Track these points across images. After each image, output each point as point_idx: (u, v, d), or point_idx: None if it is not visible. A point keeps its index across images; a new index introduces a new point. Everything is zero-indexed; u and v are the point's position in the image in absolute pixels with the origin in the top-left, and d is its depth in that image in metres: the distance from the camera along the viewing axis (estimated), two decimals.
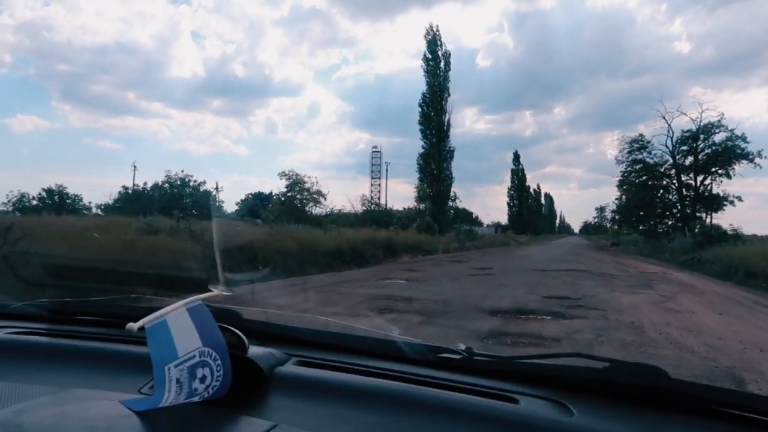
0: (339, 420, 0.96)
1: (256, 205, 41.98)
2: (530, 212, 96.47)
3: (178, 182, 42.41)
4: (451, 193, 50.99)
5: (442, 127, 40.60)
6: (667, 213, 42.08)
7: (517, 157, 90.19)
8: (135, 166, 43.55)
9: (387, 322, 5.17)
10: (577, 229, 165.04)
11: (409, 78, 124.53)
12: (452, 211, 49.56)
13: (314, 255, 16.56)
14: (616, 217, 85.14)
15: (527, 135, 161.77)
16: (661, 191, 40.86)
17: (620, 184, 50.68)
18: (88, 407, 0.91)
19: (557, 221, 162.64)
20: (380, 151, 58.67)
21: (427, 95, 40.61)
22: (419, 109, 40.79)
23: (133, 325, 0.87)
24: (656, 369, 1.04)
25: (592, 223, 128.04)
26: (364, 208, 42.74)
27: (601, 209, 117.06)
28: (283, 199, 36.19)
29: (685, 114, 39.27)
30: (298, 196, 37.02)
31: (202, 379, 0.91)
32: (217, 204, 48.70)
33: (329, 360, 1.20)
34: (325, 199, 39.40)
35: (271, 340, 1.27)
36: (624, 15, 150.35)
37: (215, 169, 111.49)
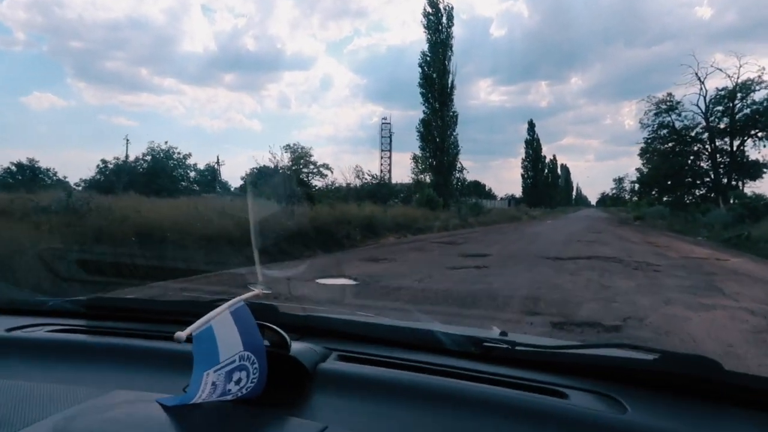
0: (384, 418, 0.94)
1: (259, 180, 38.89)
2: (546, 184, 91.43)
3: (162, 155, 38.64)
4: (458, 165, 47.43)
5: (444, 89, 36.17)
6: (698, 182, 37.44)
7: (531, 127, 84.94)
8: (127, 140, 39.93)
9: (426, 314, 4.21)
10: (593, 201, 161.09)
11: (421, 48, 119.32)
12: (459, 184, 45.53)
13: (267, 238, 12.81)
14: (637, 187, 79.94)
15: (543, 106, 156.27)
16: (692, 158, 36.14)
17: (643, 151, 45.99)
18: (135, 411, 0.89)
19: (573, 193, 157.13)
20: (389, 123, 54.19)
21: (428, 54, 36.14)
22: (419, 70, 36.32)
23: (181, 334, 0.85)
24: (709, 360, 1.00)
25: (610, 194, 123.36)
26: (362, 181, 38.89)
27: (619, 180, 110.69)
28: (288, 173, 33.14)
29: (720, 70, 34.42)
30: (304, 170, 35.12)
31: (237, 382, 0.90)
32: (221, 179, 45.20)
33: (370, 354, 1.18)
34: (331, 172, 36.97)
35: (309, 334, 1.25)
36: None
37: (229, 144, 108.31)
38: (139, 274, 7.53)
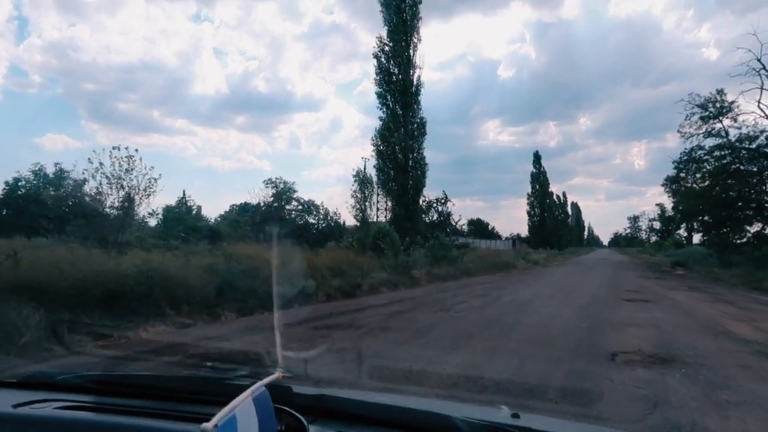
0: None
1: (238, 218, 29.73)
2: (555, 222, 79.93)
3: (38, 181, 27.75)
4: (442, 196, 36.74)
5: (408, 88, 25.85)
6: (757, 214, 26.36)
7: (537, 159, 74.32)
8: None
9: (442, 399, 3.40)
10: (605, 242, 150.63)
11: (430, 90, 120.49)
12: (436, 215, 34.79)
13: None
14: (658, 225, 67.66)
15: (552, 146, 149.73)
16: (755, 179, 25.10)
17: (671, 181, 35.08)
18: None
19: (585, 233, 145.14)
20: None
21: (386, 40, 25.94)
22: (374, 62, 26.09)
23: (208, 425, 0.83)
24: None
25: (624, 234, 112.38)
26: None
27: (634, 219, 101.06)
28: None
29: None
30: (287, 207, 29.70)
31: None
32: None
33: None
34: (318, 210, 29.29)
35: (324, 415, 1.23)
36: (649, 22, 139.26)
37: (239, 185, 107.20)
38: None
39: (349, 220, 27.77)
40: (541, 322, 8.06)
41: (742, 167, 25.41)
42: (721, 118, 24.91)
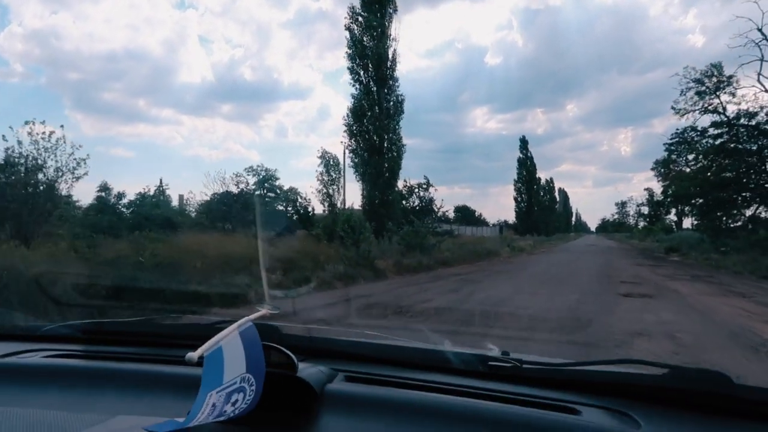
0: None
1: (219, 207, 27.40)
2: (542, 208, 78.00)
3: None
4: (424, 181, 34.81)
5: (383, 61, 23.57)
6: (756, 196, 24.41)
7: (524, 144, 72.15)
8: None
9: (435, 333, 3.45)
10: (593, 228, 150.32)
11: (418, 78, 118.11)
12: (417, 201, 32.79)
13: None
14: (646, 211, 65.99)
15: (540, 133, 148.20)
16: (755, 158, 23.11)
17: (663, 163, 33.24)
18: None
19: (573, 219, 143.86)
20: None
21: (360, 11, 23.60)
22: (346, 33, 23.76)
23: (193, 355, 0.82)
24: (720, 374, 0.97)
25: (611, 220, 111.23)
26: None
27: (622, 204, 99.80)
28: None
29: None
30: (259, 194, 28.94)
31: (234, 403, 0.86)
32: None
33: (377, 374, 1.13)
34: (302, 197, 26.03)
35: (314, 355, 1.20)
36: (636, 9, 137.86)
37: (227, 175, 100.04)
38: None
39: (319, 207, 25.60)
40: (519, 334, 5.94)
41: (740, 146, 23.45)
42: (718, 93, 22.88)
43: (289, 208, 26.82)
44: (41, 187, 13.61)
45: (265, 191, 32.27)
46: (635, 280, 12.74)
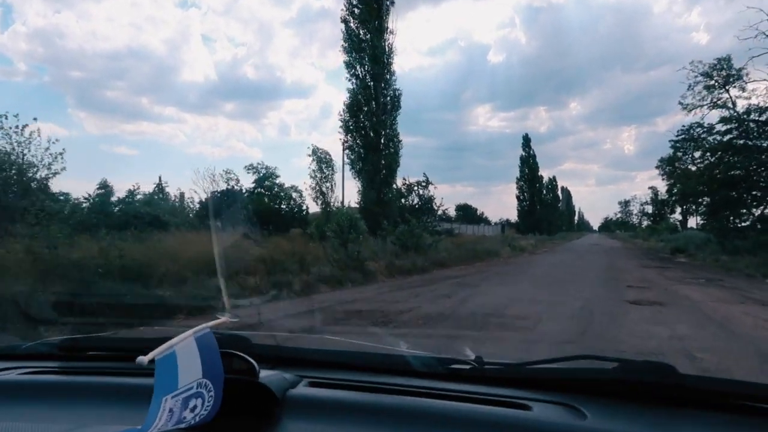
0: None
1: (221, 205, 26.70)
2: (544, 207, 76.83)
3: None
4: (423, 179, 33.98)
5: (380, 55, 22.76)
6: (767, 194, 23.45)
7: (527, 142, 71.03)
8: None
9: (396, 338, 3.08)
10: (596, 226, 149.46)
11: (421, 76, 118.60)
12: (417, 199, 31.96)
13: None
14: (651, 210, 64.89)
15: (542, 131, 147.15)
16: (766, 155, 22.15)
17: (667, 161, 32.39)
18: None
19: (576, 218, 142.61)
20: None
21: (355, 3, 22.82)
22: (342, 26, 22.95)
23: (143, 359, 0.82)
24: (665, 365, 1.01)
25: (614, 219, 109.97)
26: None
27: (625, 203, 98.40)
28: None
29: None
30: (268, 193, 27.17)
31: (193, 409, 0.85)
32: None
33: (340, 379, 1.15)
34: (301, 195, 26.38)
35: (281, 364, 1.19)
36: (639, 6, 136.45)
37: (230, 173, 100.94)
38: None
39: (313, 205, 24.82)
40: (513, 353, 5.10)
41: (749, 142, 22.49)
42: (727, 87, 21.93)
43: (284, 206, 25.93)
44: (12, 182, 12.83)
45: (262, 189, 31.48)
46: (642, 283, 11.87)
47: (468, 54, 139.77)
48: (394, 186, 30.87)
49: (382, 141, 22.83)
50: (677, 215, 49.04)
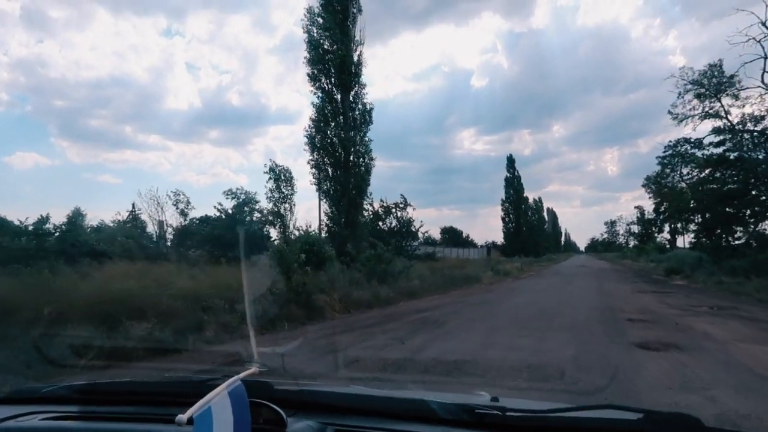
0: None
1: (196, 232, 24.37)
2: (530, 228, 75.05)
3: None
4: (401, 201, 31.95)
5: (348, 66, 20.87)
6: (765, 210, 21.66)
7: (511, 163, 69.67)
8: None
9: (416, 384, 3.42)
10: (582, 247, 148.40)
11: (406, 101, 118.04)
12: (395, 221, 29.91)
13: None
14: (637, 229, 63.36)
15: (526, 154, 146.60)
16: (763, 167, 20.35)
17: (654, 179, 30.84)
18: None
19: (562, 239, 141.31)
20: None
21: (318, 9, 21.00)
22: (305, 37, 21.11)
23: (183, 417, 0.82)
24: (690, 417, 1.00)
25: (600, 240, 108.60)
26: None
27: (611, 223, 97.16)
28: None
29: None
30: (247, 219, 25.97)
31: None
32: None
33: (364, 427, 1.14)
34: (281, 220, 22.71)
35: (303, 409, 1.20)
36: (617, 31, 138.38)
37: (217, 199, 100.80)
38: None
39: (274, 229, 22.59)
40: None
41: (745, 155, 20.77)
42: (719, 96, 20.24)
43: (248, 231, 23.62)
44: None
45: (221, 213, 29.26)
46: (645, 315, 9.74)
47: (451, 79, 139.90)
48: (370, 207, 28.68)
49: (351, 158, 20.80)
50: (665, 234, 47.50)
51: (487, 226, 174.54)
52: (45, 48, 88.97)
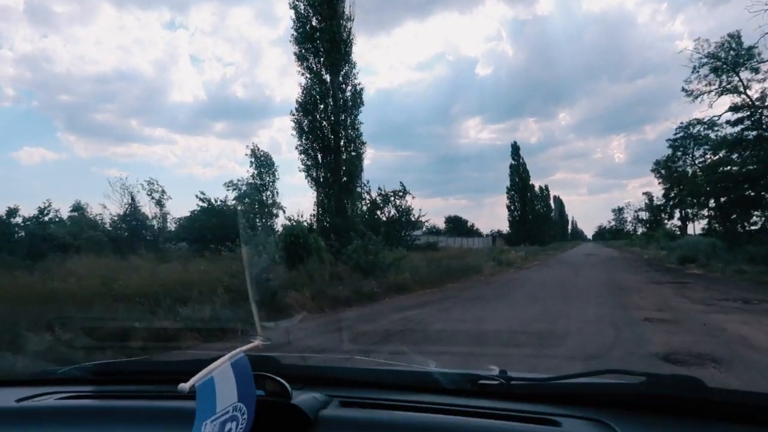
0: None
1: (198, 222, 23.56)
2: (536, 217, 73.35)
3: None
4: (400, 190, 30.70)
5: (337, 44, 19.42)
6: None
7: (516, 150, 67.99)
8: None
9: (424, 357, 2.24)
10: (590, 235, 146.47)
11: (410, 90, 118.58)
12: (397, 212, 28.64)
13: None
14: (646, 216, 61.45)
15: (533, 142, 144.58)
16: None
17: (675, 153, 29.08)
18: None
19: (569, 227, 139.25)
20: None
21: None
22: (291, 13, 19.71)
23: (185, 386, 0.82)
24: (693, 379, 0.99)
25: (608, 227, 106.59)
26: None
27: (619, 210, 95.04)
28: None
29: None
30: (248, 210, 24.77)
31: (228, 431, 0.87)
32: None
33: (370, 398, 1.15)
34: (284, 211, 23.56)
35: (311, 383, 1.20)
36: (624, 16, 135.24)
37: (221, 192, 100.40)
38: None
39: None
40: None
41: (765, 133, 19.16)
42: (738, 69, 18.61)
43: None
44: None
45: (203, 203, 28.20)
46: (665, 313, 8.33)
47: (456, 68, 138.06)
48: (367, 196, 27.37)
49: (342, 142, 19.41)
50: (675, 220, 45.72)
51: (493, 216, 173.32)
52: (49, 43, 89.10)
